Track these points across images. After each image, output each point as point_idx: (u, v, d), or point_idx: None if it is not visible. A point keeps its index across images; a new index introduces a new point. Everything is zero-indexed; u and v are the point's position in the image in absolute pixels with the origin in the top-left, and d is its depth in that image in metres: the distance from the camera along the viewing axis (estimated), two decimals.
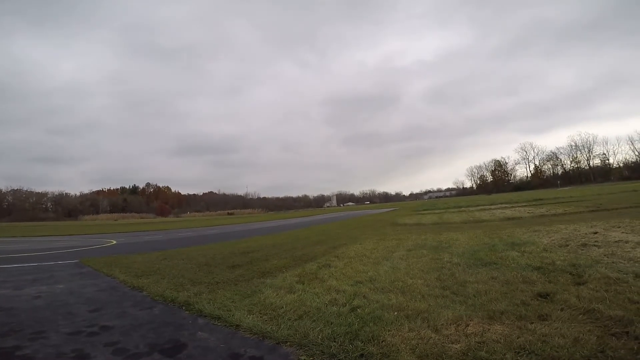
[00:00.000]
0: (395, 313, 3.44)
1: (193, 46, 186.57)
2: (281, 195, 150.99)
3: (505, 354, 2.42)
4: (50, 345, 3.10)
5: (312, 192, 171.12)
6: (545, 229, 9.21)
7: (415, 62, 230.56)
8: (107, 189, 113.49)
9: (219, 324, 3.60)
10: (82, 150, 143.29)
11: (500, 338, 2.67)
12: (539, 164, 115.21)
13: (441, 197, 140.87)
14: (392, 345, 2.70)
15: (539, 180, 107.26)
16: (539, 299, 3.56)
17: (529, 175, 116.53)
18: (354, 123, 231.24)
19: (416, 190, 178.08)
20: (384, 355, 2.56)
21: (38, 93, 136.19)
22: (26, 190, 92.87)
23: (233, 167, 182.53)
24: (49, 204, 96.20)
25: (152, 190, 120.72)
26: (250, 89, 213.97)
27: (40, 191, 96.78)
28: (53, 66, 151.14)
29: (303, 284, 4.95)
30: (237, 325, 3.46)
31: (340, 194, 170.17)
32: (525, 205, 23.37)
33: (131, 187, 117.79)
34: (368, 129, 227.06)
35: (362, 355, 2.60)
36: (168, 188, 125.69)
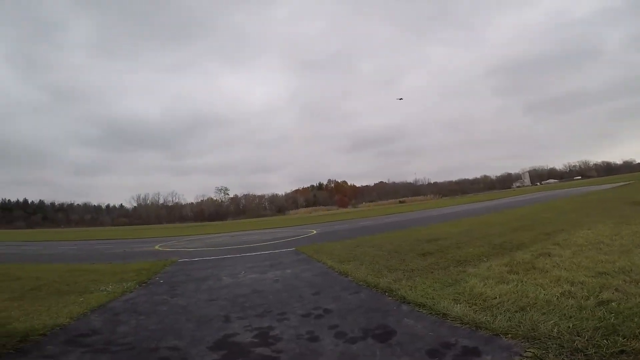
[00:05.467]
0: None
1: (342, 52, 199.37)
2: (454, 178, 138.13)
3: None
4: (291, 327, 3.52)
5: (493, 172, 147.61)
6: None
7: (600, 11, 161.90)
8: (302, 188, 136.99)
9: (424, 311, 3.57)
10: (281, 157, 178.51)
11: None
12: None
13: None
14: None
15: None
16: None
17: None
18: (534, 89, 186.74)
19: None
20: None
21: (245, 117, 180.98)
22: (252, 195, 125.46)
23: (398, 156, 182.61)
24: (266, 203, 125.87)
25: (332, 185, 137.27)
26: (401, 79, 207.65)
27: (260, 194, 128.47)
28: (249, 94, 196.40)
29: (517, 274, 4.48)
30: (444, 314, 3.36)
31: (534, 170, 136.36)
32: None
33: (317, 184, 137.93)
34: (556, 92, 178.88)
35: (622, 351, 2.30)
36: (345, 182, 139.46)
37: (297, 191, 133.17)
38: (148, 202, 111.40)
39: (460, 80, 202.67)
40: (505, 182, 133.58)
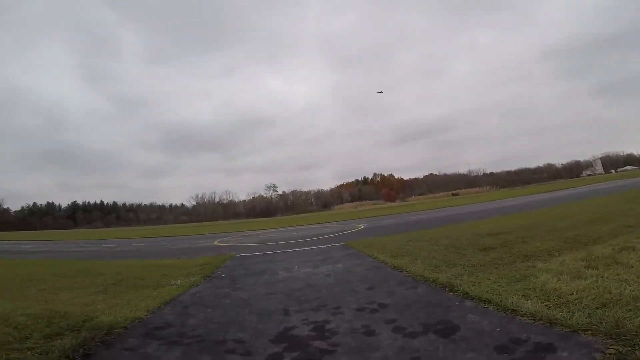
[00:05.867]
0: None
1: (379, 45, 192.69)
2: (513, 167, 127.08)
3: None
4: (346, 321, 3.54)
5: (559, 160, 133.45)
6: None
7: None
8: (347, 183, 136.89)
9: (490, 307, 3.40)
10: (326, 153, 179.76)
11: None
12: None
13: None
14: None
15: None
16: None
17: None
18: (603, 70, 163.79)
19: None
20: None
21: (289, 115, 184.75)
22: (299, 191, 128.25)
23: (449, 146, 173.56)
24: (312, 199, 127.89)
25: (378, 179, 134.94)
26: (446, 67, 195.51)
27: (306, 190, 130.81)
28: (292, 93, 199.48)
29: (596, 270, 4.11)
30: (514, 310, 3.17)
31: (607, 156, 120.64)
32: None
33: (362, 178, 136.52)
34: (630, 72, 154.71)
35: None
36: (392, 175, 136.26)
37: (341, 186, 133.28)
38: (205, 200, 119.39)
39: (513, 64, 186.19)
40: (573, 170, 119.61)
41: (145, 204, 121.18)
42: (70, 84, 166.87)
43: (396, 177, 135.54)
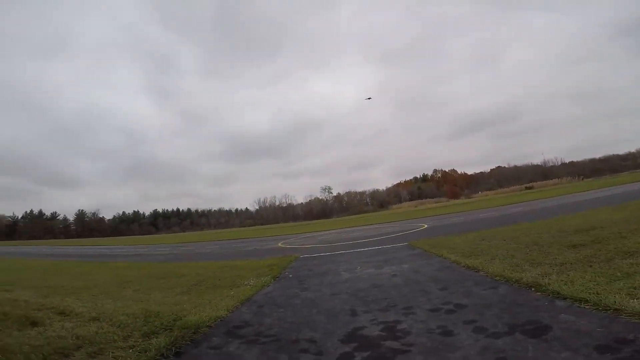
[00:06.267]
0: None
1: (423, 36, 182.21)
2: (596, 155, 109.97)
3: None
4: (419, 321, 3.46)
5: None
6: None
7: None
8: (404, 181, 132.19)
9: (587, 307, 3.09)
10: (379, 152, 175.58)
11: None
12: None
13: None
14: None
15: None
16: None
17: None
18: None
19: None
20: None
21: (339, 116, 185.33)
22: (353, 192, 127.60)
23: (518, 136, 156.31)
24: (367, 199, 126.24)
25: (439, 175, 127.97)
26: (504, 52, 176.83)
27: (361, 190, 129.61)
28: (339, 94, 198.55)
29: None
30: (616, 310, 2.86)
31: None
32: None
33: (421, 175, 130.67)
34: None
35: None
36: (454, 170, 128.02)
37: (398, 184, 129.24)
38: (267, 204, 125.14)
39: (580, 44, 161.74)
40: None
41: (214, 210, 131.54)
42: (142, 103, 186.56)
43: (459, 172, 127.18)
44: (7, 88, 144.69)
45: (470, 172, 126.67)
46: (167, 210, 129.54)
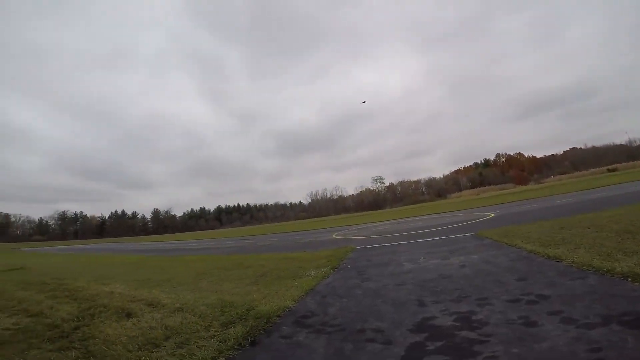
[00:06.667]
0: None
1: (469, 16, 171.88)
2: None
3: None
4: (497, 312, 3.29)
5: None
6: None
7: None
8: (463, 167, 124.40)
9: None
10: (434, 139, 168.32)
11: None
12: None
13: None
14: None
15: None
16: None
17: None
18: None
19: None
20: None
21: (387, 105, 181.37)
22: (407, 181, 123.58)
23: (594, 115, 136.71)
24: (423, 188, 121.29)
25: (503, 160, 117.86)
26: (564, 28, 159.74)
27: (415, 179, 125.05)
28: (385, 83, 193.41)
29: None
30: None
31: None
32: None
33: (483, 161, 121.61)
34: None
35: None
36: (520, 154, 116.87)
37: (457, 171, 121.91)
38: (319, 197, 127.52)
39: None
40: None
41: (271, 204, 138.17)
42: (199, 106, 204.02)
43: (526, 155, 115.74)
44: (83, 99, 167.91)
45: (539, 155, 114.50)
46: (229, 205, 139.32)
